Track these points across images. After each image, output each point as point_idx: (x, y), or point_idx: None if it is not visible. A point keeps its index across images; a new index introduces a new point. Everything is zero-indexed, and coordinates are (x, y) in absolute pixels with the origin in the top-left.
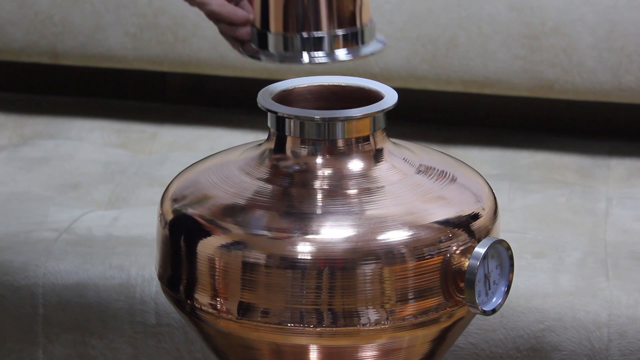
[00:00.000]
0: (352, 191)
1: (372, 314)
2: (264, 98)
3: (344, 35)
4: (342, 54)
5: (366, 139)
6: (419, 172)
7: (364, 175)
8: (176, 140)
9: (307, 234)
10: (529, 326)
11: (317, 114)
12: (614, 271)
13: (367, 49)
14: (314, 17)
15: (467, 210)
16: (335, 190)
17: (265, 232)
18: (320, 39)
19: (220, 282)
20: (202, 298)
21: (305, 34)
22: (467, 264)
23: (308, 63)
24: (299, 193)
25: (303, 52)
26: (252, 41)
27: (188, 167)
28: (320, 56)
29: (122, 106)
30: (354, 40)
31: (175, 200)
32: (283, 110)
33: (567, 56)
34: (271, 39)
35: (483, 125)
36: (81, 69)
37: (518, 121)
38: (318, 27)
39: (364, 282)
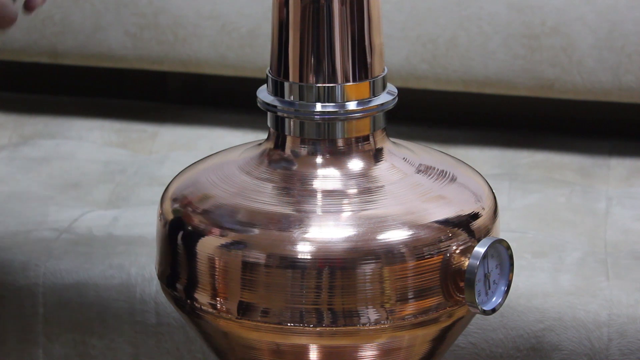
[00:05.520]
0: (352, 191)
1: (372, 314)
2: (264, 97)
3: (356, 86)
4: (352, 105)
5: (366, 138)
6: (418, 171)
7: (364, 174)
8: (176, 140)
9: (306, 233)
10: (529, 326)
11: (317, 114)
12: (614, 271)
13: (377, 100)
14: (328, 68)
15: (467, 210)
16: (335, 190)
17: (265, 232)
18: (333, 88)
19: (220, 282)
20: (202, 298)
21: (319, 85)
22: (467, 263)
23: (319, 112)
24: (299, 192)
25: (317, 102)
26: (267, 87)
27: (188, 166)
28: (331, 106)
29: (122, 106)
30: (365, 91)
31: (175, 200)
32: (282, 109)
33: (567, 56)
34: (287, 88)
35: (483, 125)
36: (81, 68)
37: (518, 121)
38: (332, 79)
39: (364, 281)
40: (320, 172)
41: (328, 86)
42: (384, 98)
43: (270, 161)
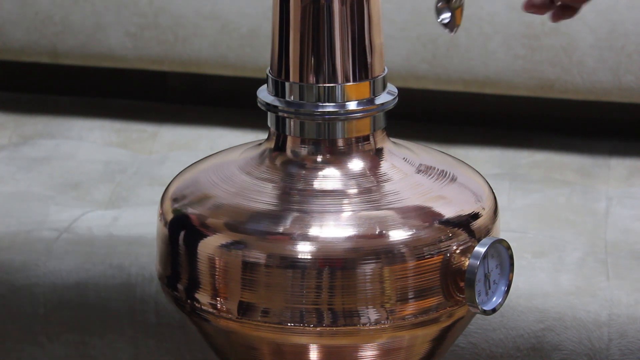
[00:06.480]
0: (352, 191)
1: (372, 314)
2: (264, 97)
3: (356, 86)
4: (352, 105)
5: (366, 138)
6: (419, 171)
7: (364, 174)
8: (176, 140)
9: (307, 233)
10: (529, 326)
11: (318, 114)
12: (614, 271)
13: (377, 100)
14: (329, 68)
15: (467, 210)
16: (336, 190)
17: (265, 232)
18: (333, 88)
19: (220, 282)
20: (203, 298)
21: (319, 85)
22: (467, 263)
23: (320, 112)
24: (299, 192)
25: (317, 102)
26: (268, 88)
27: (188, 166)
28: (331, 106)
29: (122, 106)
30: (365, 91)
31: (175, 200)
32: (283, 109)
33: (567, 56)
34: (287, 88)
35: (483, 125)
36: (81, 68)
37: (518, 121)
38: (332, 79)
39: (364, 281)
40: (321, 172)
41: (328, 86)
42: (384, 98)
43: (271, 161)
